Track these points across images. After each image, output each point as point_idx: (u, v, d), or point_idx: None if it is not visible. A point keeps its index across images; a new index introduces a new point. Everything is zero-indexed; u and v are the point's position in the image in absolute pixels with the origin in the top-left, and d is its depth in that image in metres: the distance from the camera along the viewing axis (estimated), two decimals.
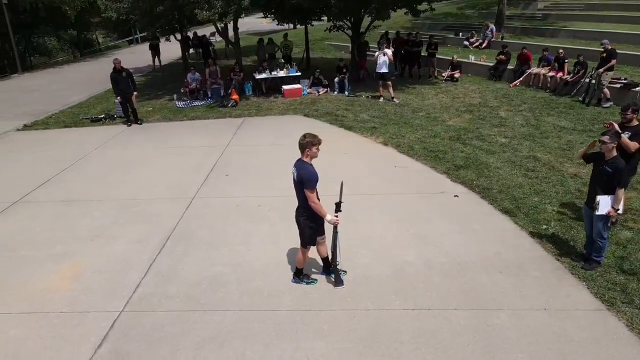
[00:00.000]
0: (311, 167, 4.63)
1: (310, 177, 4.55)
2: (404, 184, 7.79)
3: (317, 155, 4.72)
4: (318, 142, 4.65)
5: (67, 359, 4.12)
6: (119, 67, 11.71)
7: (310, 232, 4.83)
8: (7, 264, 5.73)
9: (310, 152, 4.64)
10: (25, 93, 17.58)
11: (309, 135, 4.68)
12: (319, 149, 4.72)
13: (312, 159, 4.69)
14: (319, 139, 4.67)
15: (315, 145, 4.64)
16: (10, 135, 11.73)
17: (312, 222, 4.78)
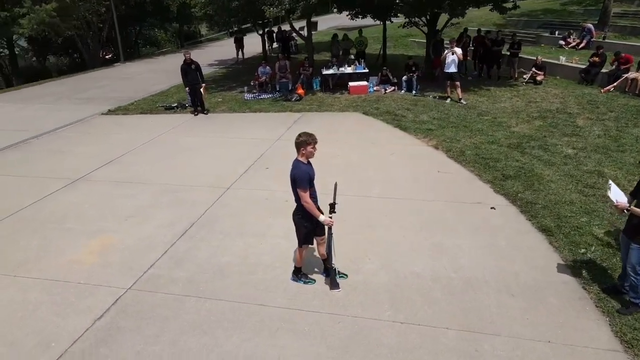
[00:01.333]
0: (304, 167, 4.61)
1: (302, 177, 4.53)
2: (440, 190, 7.44)
3: (312, 154, 4.68)
4: (313, 142, 4.61)
5: (69, 327, 4.53)
6: (188, 60, 12.43)
7: (305, 232, 4.82)
8: (52, 234, 6.40)
9: (305, 151, 4.61)
10: (120, 80, 19.33)
11: (304, 134, 4.66)
12: (315, 148, 4.69)
13: (308, 158, 4.67)
14: (314, 138, 4.63)
15: (310, 145, 4.61)
16: (95, 119, 13.00)
17: (307, 222, 4.76)
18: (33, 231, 6.51)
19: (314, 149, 4.66)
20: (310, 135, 4.63)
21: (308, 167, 4.63)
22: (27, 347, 4.28)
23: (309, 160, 4.73)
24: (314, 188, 4.78)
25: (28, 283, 5.28)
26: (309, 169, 4.64)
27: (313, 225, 4.80)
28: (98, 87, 17.87)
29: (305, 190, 4.56)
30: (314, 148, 4.65)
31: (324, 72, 15.30)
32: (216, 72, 20.55)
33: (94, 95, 16.19)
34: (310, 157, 4.69)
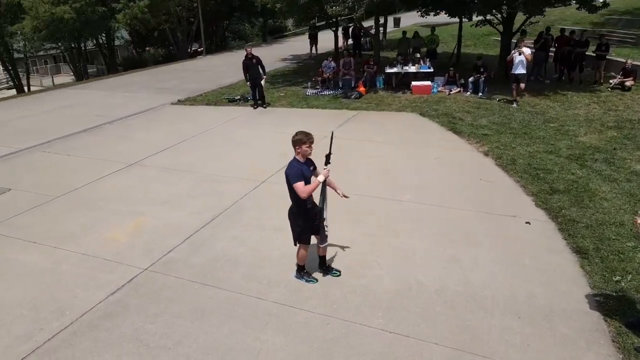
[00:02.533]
0: (297, 165, 4.64)
1: (293, 173, 4.58)
2: (476, 199, 7.08)
3: (308, 153, 4.69)
4: (309, 141, 4.62)
5: (85, 298, 4.96)
6: (249, 54, 12.87)
7: (299, 230, 4.86)
8: (97, 212, 7.02)
9: (300, 149, 4.64)
10: (197, 72, 20.47)
11: (300, 132, 4.68)
12: (312, 147, 4.69)
13: (304, 156, 4.68)
14: (310, 137, 4.64)
15: (305, 144, 4.62)
16: (164, 108, 13.93)
17: (300, 220, 4.80)
18: (83, 208, 7.17)
19: (310, 148, 4.67)
20: (306, 135, 4.65)
21: (302, 166, 4.65)
22: (44, 312, 4.76)
23: (307, 158, 4.74)
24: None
25: (64, 255, 5.85)
26: (303, 167, 4.65)
27: (308, 223, 4.82)
28: (176, 78, 19.08)
29: (301, 183, 4.57)
30: (310, 147, 4.67)
31: (387, 71, 15.09)
32: (287, 67, 21.03)
33: (171, 86, 17.31)
34: (306, 156, 4.70)
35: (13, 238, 6.31)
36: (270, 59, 23.51)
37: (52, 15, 21.34)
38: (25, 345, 4.31)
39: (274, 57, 24.80)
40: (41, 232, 6.44)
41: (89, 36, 25.80)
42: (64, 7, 21.35)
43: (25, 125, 12.45)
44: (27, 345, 4.31)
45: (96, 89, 17.77)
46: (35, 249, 6.00)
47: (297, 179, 4.55)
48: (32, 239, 6.26)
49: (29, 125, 12.42)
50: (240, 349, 4.20)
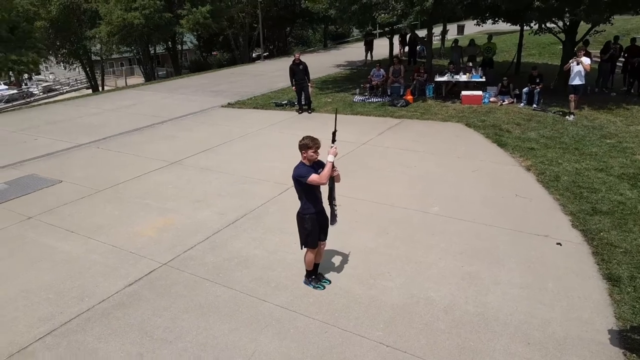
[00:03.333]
0: (303, 167, 4.68)
1: (303, 171, 4.64)
2: (508, 216, 6.76)
3: (314, 158, 4.70)
4: (315, 146, 4.63)
5: (105, 287, 5.26)
6: (297, 60, 13.07)
7: (305, 233, 4.87)
8: (132, 207, 7.42)
9: (306, 154, 4.67)
10: (252, 77, 21.05)
11: (307, 137, 4.70)
12: (318, 153, 4.70)
13: (310, 161, 4.69)
14: (316, 142, 4.65)
15: (311, 149, 4.64)
16: (214, 110, 14.46)
17: (307, 224, 4.82)
18: (120, 202, 7.61)
19: (316, 153, 4.68)
20: (313, 140, 4.66)
21: (308, 169, 4.66)
22: (67, 297, 5.10)
23: (313, 163, 4.74)
24: (318, 193, 4.79)
25: (96, 245, 6.24)
26: (310, 170, 4.66)
27: (316, 228, 4.82)
28: (231, 82, 19.74)
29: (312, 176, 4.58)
30: (316, 152, 4.68)
31: (437, 79, 14.76)
32: (339, 73, 21.13)
33: (225, 89, 17.94)
34: (312, 161, 4.70)
35: (55, 226, 6.81)
36: (324, 65, 23.85)
37: (123, 21, 22.87)
38: (45, 326, 4.64)
39: (329, 62, 25.08)
40: (79, 222, 6.90)
41: (156, 41, 27.33)
42: (134, 14, 22.81)
43: (89, 122, 13.40)
44: (45, 327, 4.63)
45: (157, 90, 18.78)
46: (72, 238, 6.44)
47: (309, 173, 4.59)
48: (71, 228, 6.72)
49: (92, 122, 13.36)
50: (235, 348, 4.28)
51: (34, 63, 21.40)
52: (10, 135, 12.28)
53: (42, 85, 46.47)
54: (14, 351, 4.31)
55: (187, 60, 49.08)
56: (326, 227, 5.07)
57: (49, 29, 27.02)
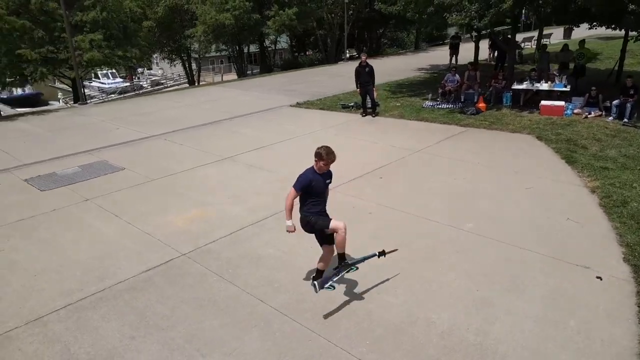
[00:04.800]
0: (310, 173, 4.68)
1: (301, 179, 4.63)
2: (550, 241, 6.15)
3: (324, 169, 4.68)
4: (325, 159, 4.62)
5: (124, 271, 5.66)
6: (364, 62, 12.95)
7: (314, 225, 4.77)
8: (175, 198, 7.88)
9: (317, 164, 4.63)
10: (329, 77, 21.23)
11: (322, 148, 4.66)
12: (328, 165, 4.68)
13: (319, 170, 4.65)
14: (331, 156, 4.63)
15: (322, 160, 4.62)
16: (282, 109, 14.83)
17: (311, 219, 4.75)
18: (166, 192, 8.12)
19: (326, 166, 4.67)
20: (328, 153, 4.62)
21: (315, 176, 4.62)
22: (90, 276, 5.57)
23: (323, 172, 4.70)
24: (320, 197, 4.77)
25: (131, 230, 6.73)
26: (314, 177, 4.62)
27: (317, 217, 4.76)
28: (307, 82, 20.09)
29: (296, 190, 4.61)
30: (326, 165, 4.67)
31: (514, 87, 13.78)
32: (418, 77, 20.59)
33: (299, 89, 18.31)
34: (321, 171, 4.66)
35: (104, 210, 7.45)
36: (406, 68, 23.39)
37: (216, 21, 24.31)
38: (63, 300, 5.12)
39: (412, 65, 24.54)
40: (125, 208, 7.48)
41: (245, 40, 28.67)
42: (226, 15, 24.14)
43: (167, 115, 14.44)
44: (64, 300, 5.10)
45: (236, 87, 19.70)
46: (114, 222, 7.01)
47: (298, 185, 4.62)
48: (116, 212, 7.32)
49: (169, 115, 14.39)
50: (218, 344, 4.39)
51: (136, 59, 23.52)
52: (100, 123, 13.63)
53: (151, 79, 51.01)
54: (32, 319, 4.81)
55: (281, 59, 50.79)
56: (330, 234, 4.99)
57: (155, 28, 29.50)
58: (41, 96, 41.87)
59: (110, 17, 21.59)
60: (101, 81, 46.11)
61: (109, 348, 4.37)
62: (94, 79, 45.87)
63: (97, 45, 21.68)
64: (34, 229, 6.85)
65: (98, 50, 21.65)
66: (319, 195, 4.74)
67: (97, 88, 46.29)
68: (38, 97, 41.81)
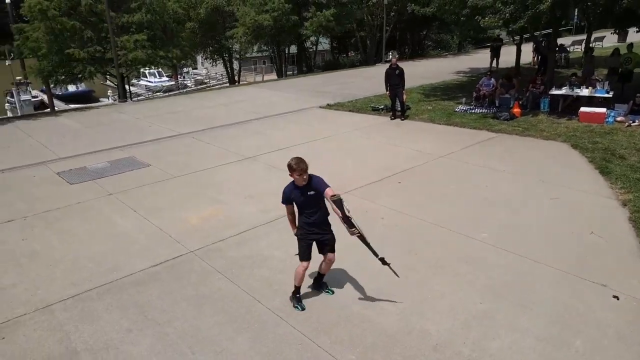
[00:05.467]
0: (288, 188, 4.65)
1: (283, 195, 4.68)
2: (568, 255, 5.85)
3: (300, 180, 4.52)
4: (298, 169, 4.44)
5: (134, 264, 5.81)
6: (394, 64, 12.80)
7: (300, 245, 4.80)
8: (191, 195, 8.05)
9: (292, 176, 4.56)
10: (363, 79, 21.11)
11: (293, 159, 4.51)
12: (302, 176, 4.49)
13: (298, 183, 4.57)
14: (300, 165, 4.45)
15: (294, 172, 4.48)
16: (311, 110, 14.87)
17: (298, 234, 4.81)
18: (184, 189, 8.32)
19: (300, 176, 4.48)
20: (298, 163, 4.44)
21: (293, 190, 4.59)
22: (102, 268, 5.77)
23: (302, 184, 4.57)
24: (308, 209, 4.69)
25: (146, 225, 6.92)
26: (293, 191, 4.59)
27: (304, 242, 4.78)
28: (341, 83, 20.05)
29: (286, 205, 4.72)
30: (300, 175, 4.47)
31: (552, 92, 13.21)
32: (454, 80, 20.12)
33: (332, 90, 18.29)
34: (299, 183, 4.56)
35: (125, 204, 7.71)
36: (444, 70, 22.94)
37: (255, 22, 24.68)
38: (72, 290, 5.32)
39: (450, 68, 24.04)
40: (145, 203, 7.71)
41: (283, 42, 28.97)
42: (264, 16, 24.48)
43: (199, 114, 14.80)
44: (73, 290, 5.31)
45: (270, 88, 19.92)
46: (132, 217, 7.24)
47: (283, 201, 4.74)
48: (135, 208, 7.55)
49: (201, 114, 14.73)
50: (209, 342, 4.43)
51: (177, 59, 24.22)
52: (134, 121, 14.14)
53: (195, 79, 52.46)
54: (40, 307, 5.03)
55: (323, 60, 50.94)
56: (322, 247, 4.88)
57: (197, 29, 30.30)
58: (93, 93, 43.91)
59: (154, 19, 22.35)
60: (148, 80, 47.94)
61: (106, 339, 4.50)
62: (142, 78, 47.76)
63: (141, 45, 22.53)
64: (57, 220, 7.17)
65: (142, 50, 22.51)
66: (306, 207, 4.67)
67: (145, 86, 48.15)
68: (90, 94, 43.86)
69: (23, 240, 6.56)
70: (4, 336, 4.57)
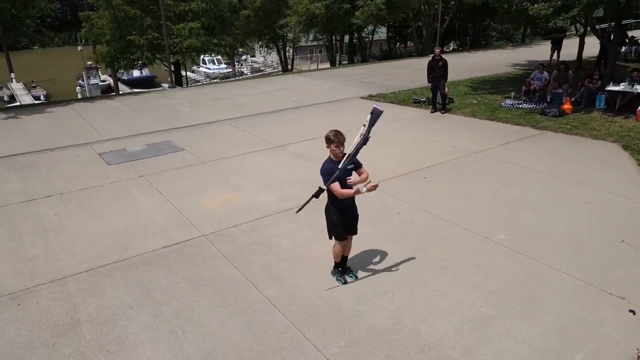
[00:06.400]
0: (328, 164, 4.59)
1: (324, 171, 4.56)
2: (588, 264, 5.48)
3: (338, 154, 4.58)
4: (337, 140, 4.52)
5: (147, 244, 6.05)
6: (437, 56, 12.39)
7: (331, 226, 4.90)
8: (215, 180, 8.26)
9: (329, 148, 4.58)
10: (415, 70, 20.51)
11: (332, 131, 4.63)
12: (340, 147, 4.57)
13: (336, 156, 4.57)
14: (339, 136, 4.54)
15: (333, 143, 4.57)
16: (351, 101, 14.74)
17: (333, 216, 4.83)
18: (210, 174, 8.55)
19: (338, 148, 4.56)
20: (336, 134, 4.55)
21: (334, 165, 4.57)
22: (118, 246, 6.07)
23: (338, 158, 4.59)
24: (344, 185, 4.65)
25: (167, 207, 7.19)
26: (334, 166, 4.55)
27: (342, 221, 4.81)
28: (388, 74, 19.72)
29: (334, 183, 4.54)
30: (338, 147, 4.55)
31: (609, 88, 12.27)
32: (508, 73, 19.22)
33: (377, 81, 18.03)
34: (337, 155, 4.58)
35: (152, 186, 8.04)
36: (500, 63, 22.00)
37: (307, 11, 24.71)
38: (87, 264, 5.65)
39: (507, 60, 23.02)
40: (170, 186, 8.01)
41: (335, 30, 28.77)
42: (317, 4, 24.43)
43: (240, 101, 15.09)
44: (87, 265, 5.63)
45: (315, 77, 19.93)
46: (156, 198, 7.54)
47: (328, 178, 4.54)
48: (160, 189, 7.86)
49: (242, 101, 15.02)
50: (200, 324, 4.56)
51: (230, 46, 24.81)
52: (179, 106, 14.66)
53: (252, 66, 53.53)
54: (57, 278, 5.38)
55: (380, 49, 50.24)
56: (355, 222, 5.05)
57: (252, 18, 30.80)
58: (155, 78, 45.91)
59: (208, 8, 22.97)
60: (207, 67, 49.55)
61: (107, 313, 4.75)
62: (201, 65, 49.46)
63: (195, 33, 23.27)
64: (89, 198, 7.61)
65: (196, 37, 23.25)
66: (343, 183, 4.63)
67: (204, 73, 49.81)
68: (153, 80, 45.88)
69: (55, 215, 7.02)
70: (19, 303, 4.93)
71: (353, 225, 5.07)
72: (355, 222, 5.09)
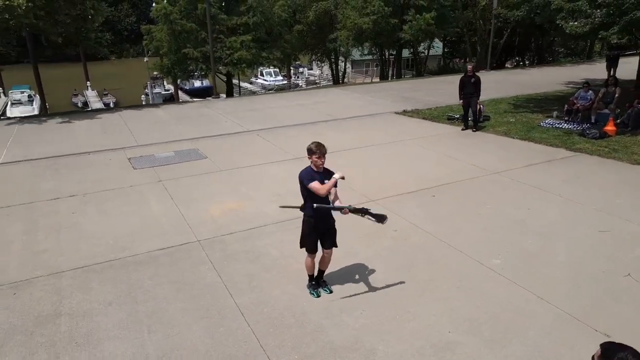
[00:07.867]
0: (309, 170, 4.72)
1: (306, 175, 4.68)
2: (585, 298, 5.14)
3: (319, 164, 4.68)
4: (316, 153, 4.63)
5: (145, 245, 6.37)
6: (470, 72, 12.12)
7: (302, 234, 4.99)
8: (226, 189, 8.52)
9: (311, 159, 4.66)
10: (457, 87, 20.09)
11: (314, 143, 4.71)
12: (321, 159, 4.68)
13: (317, 167, 4.67)
14: (321, 148, 4.64)
15: (314, 154, 4.65)
16: (385, 115, 14.65)
17: (304, 226, 4.94)
18: (223, 183, 8.84)
19: (320, 159, 4.66)
20: (318, 146, 4.63)
21: (315, 174, 4.68)
22: (117, 245, 6.42)
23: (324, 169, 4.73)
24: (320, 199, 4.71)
25: (173, 213, 7.51)
26: (316, 175, 4.67)
27: (312, 232, 4.89)
28: (430, 89, 19.39)
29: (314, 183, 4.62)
30: (320, 159, 4.66)
31: None
32: (557, 92, 18.31)
33: (416, 96, 17.79)
34: (318, 166, 4.68)
35: (166, 191, 8.43)
36: (552, 81, 21.08)
37: (355, 26, 24.91)
38: (85, 261, 6.02)
39: (560, 79, 21.94)
40: (183, 192, 8.35)
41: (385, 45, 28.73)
42: (364, 19, 24.57)
43: (274, 113, 15.42)
44: (85, 261, 6.01)
45: (354, 91, 19.99)
46: (167, 203, 7.90)
47: (310, 180, 4.64)
48: (173, 195, 8.22)
49: (276, 113, 15.35)
50: (167, 325, 4.73)
51: (277, 60, 25.49)
52: (214, 116, 15.25)
53: (307, 79, 54.48)
54: (54, 272, 5.78)
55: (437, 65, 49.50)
56: (332, 236, 5.03)
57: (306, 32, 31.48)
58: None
59: (259, 21, 23.77)
60: (264, 78, 51.04)
61: (88, 308, 5.05)
62: (259, 77, 51.08)
63: (246, 46, 24.15)
64: (108, 199, 8.10)
65: (247, 50, 24.12)
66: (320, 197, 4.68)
67: (260, 84, 51.38)
68: (211, 90, 47.96)
69: (72, 213, 7.55)
70: (15, 292, 5.36)
71: (328, 239, 5.05)
72: (331, 236, 5.06)
